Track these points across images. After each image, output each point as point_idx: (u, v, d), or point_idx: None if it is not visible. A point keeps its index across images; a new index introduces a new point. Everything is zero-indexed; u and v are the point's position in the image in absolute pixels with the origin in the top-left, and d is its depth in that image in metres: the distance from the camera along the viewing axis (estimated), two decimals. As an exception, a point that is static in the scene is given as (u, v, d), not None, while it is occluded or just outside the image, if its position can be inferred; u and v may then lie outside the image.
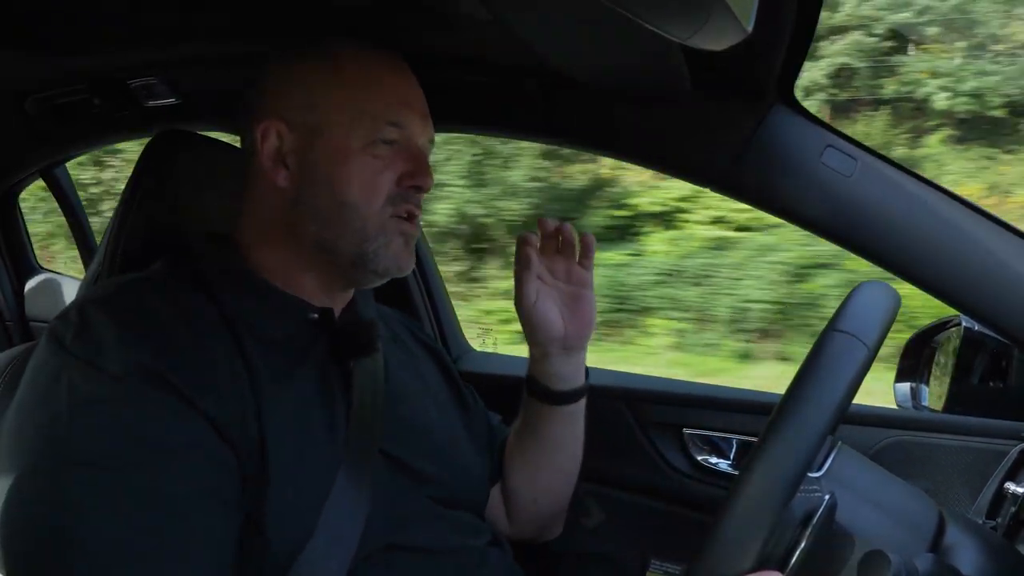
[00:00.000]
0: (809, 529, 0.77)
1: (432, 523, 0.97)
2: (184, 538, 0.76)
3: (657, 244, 6.02)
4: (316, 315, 0.98)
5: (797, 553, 0.76)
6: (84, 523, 0.73)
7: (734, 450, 1.46)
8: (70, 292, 2.24)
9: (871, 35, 7.14)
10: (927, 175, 1.12)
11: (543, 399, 1.14)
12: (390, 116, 0.96)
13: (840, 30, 7.17)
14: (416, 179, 0.98)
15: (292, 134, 0.97)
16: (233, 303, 0.91)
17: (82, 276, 1.34)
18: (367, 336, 1.00)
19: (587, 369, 1.17)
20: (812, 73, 7.01)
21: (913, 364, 1.40)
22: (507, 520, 1.20)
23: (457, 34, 1.15)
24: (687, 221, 5.98)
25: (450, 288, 1.91)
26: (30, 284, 2.28)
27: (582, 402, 1.16)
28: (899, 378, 1.41)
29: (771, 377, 4.88)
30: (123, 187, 1.10)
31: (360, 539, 0.88)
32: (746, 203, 1.18)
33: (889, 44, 7.17)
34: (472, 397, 1.23)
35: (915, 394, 1.39)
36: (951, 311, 1.20)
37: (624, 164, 1.19)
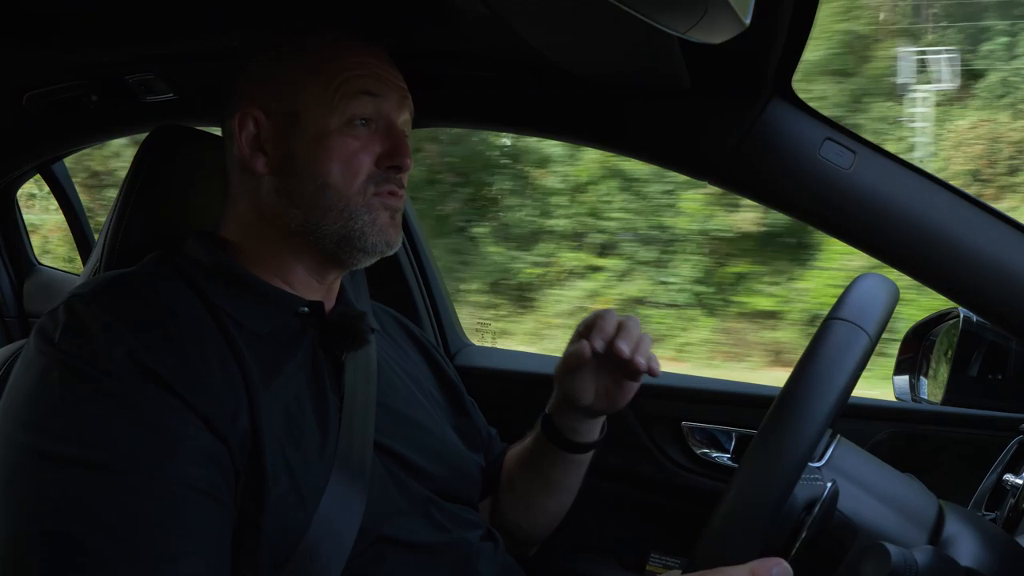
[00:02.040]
0: (811, 517, 0.77)
1: (427, 516, 0.97)
2: (179, 534, 0.75)
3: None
4: (306, 308, 0.98)
5: (799, 541, 0.76)
6: (76, 521, 0.73)
7: (733, 443, 1.46)
8: (69, 288, 2.24)
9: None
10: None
11: (555, 443, 1.15)
12: (363, 86, 0.97)
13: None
14: (394, 159, 0.98)
15: (269, 121, 0.98)
16: (221, 298, 0.91)
17: (80, 273, 1.34)
18: (358, 328, 1.00)
19: (604, 424, 1.17)
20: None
21: (912, 356, 1.40)
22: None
23: (455, 29, 1.14)
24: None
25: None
26: (29, 280, 2.28)
27: (587, 456, 1.17)
28: (898, 370, 1.41)
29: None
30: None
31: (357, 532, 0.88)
32: (745, 196, 1.18)
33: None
34: (472, 407, 1.23)
35: (914, 386, 1.39)
36: (950, 303, 1.20)
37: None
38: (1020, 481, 1.00)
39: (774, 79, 1.08)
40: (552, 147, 6.18)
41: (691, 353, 5.76)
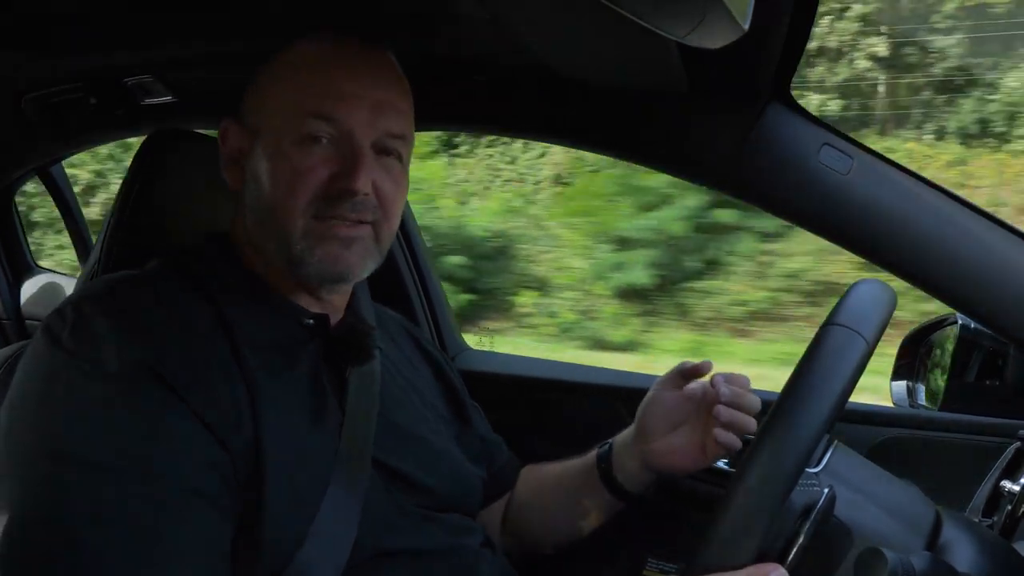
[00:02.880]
0: (808, 522, 0.77)
1: (424, 526, 0.96)
2: (177, 539, 0.75)
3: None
4: (311, 320, 0.97)
5: (796, 546, 0.76)
6: (77, 520, 0.72)
7: (731, 448, 1.45)
8: (67, 291, 2.24)
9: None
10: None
11: (602, 476, 1.13)
12: (318, 109, 0.90)
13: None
14: (340, 181, 0.90)
15: (243, 134, 0.97)
16: (229, 305, 0.90)
17: (78, 274, 1.33)
18: (363, 343, 0.99)
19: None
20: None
21: (909, 362, 1.40)
22: (499, 536, 1.20)
23: (455, 33, 1.14)
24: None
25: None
26: (27, 283, 2.28)
27: (619, 503, 1.15)
28: (895, 376, 1.41)
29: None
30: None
31: (352, 546, 0.87)
32: (743, 201, 1.18)
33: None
34: (478, 414, 1.22)
35: (911, 392, 1.39)
36: (947, 309, 1.20)
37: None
38: (1017, 487, 1.00)
39: (772, 83, 1.08)
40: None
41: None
